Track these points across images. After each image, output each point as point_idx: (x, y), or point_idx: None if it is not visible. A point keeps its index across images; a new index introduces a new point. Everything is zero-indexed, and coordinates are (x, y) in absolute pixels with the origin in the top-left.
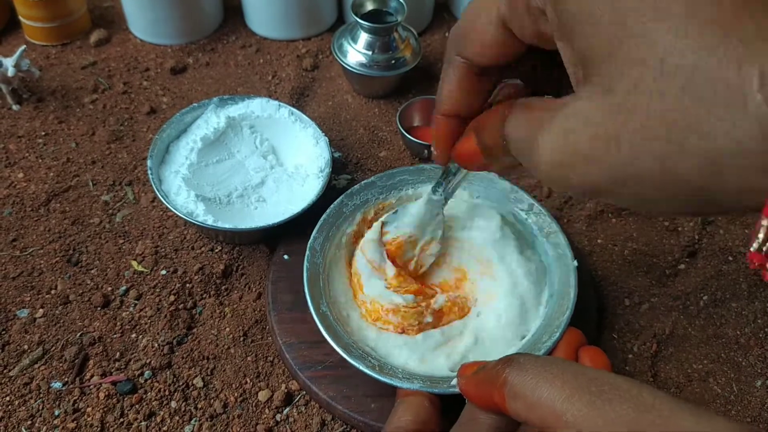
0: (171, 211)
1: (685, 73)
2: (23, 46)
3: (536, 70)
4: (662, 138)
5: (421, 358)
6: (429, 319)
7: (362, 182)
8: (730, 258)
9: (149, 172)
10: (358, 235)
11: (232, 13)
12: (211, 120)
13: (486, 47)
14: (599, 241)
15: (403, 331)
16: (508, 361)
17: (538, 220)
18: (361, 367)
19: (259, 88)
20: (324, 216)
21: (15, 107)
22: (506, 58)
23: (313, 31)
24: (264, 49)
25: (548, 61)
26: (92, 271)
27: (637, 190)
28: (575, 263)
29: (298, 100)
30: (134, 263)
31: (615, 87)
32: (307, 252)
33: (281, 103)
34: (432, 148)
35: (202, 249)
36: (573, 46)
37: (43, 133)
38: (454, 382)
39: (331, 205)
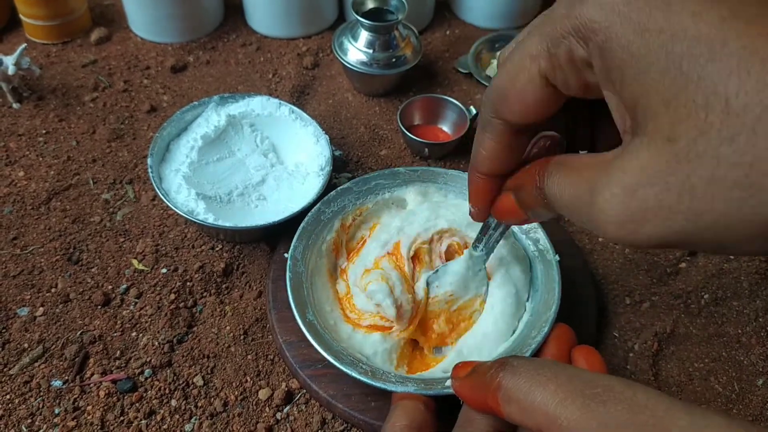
0: (171, 209)
1: (754, 112)
2: (24, 45)
3: (570, 125)
4: (739, 183)
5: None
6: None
7: (338, 188)
8: (731, 257)
9: (149, 170)
10: (338, 243)
11: (233, 12)
12: (211, 118)
13: (528, 106)
14: (600, 239)
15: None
16: (501, 364)
17: None
18: (353, 374)
19: (260, 86)
20: (303, 224)
21: (15, 105)
22: (548, 115)
23: (314, 29)
24: (264, 47)
25: (582, 114)
26: (93, 270)
27: (716, 237)
28: (557, 258)
29: (299, 98)
30: (135, 262)
31: (677, 135)
32: (288, 261)
33: (282, 102)
34: (469, 205)
35: (203, 247)
36: (623, 95)
37: (43, 132)
38: (449, 383)
39: (309, 213)
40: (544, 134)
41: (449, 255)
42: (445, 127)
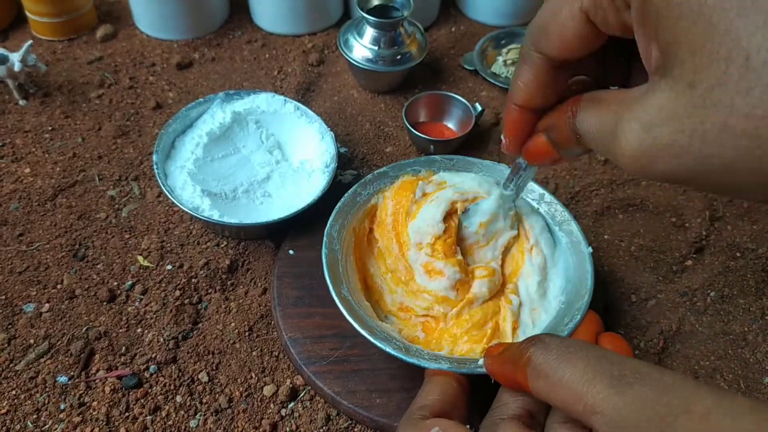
0: (177, 206)
1: None
2: (30, 41)
3: (605, 61)
4: (748, 134)
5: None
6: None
7: (375, 172)
8: (738, 254)
9: (155, 167)
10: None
11: (238, 8)
12: (216, 115)
13: (567, 41)
14: (606, 236)
15: (426, 316)
16: (533, 340)
17: (549, 210)
18: (388, 349)
19: (265, 83)
20: (339, 204)
21: (21, 102)
22: (586, 52)
23: (319, 26)
24: (270, 44)
25: (618, 52)
26: (98, 266)
27: (721, 180)
28: (590, 249)
29: (304, 95)
30: (140, 258)
31: (698, 82)
32: (325, 239)
33: (287, 98)
34: (502, 136)
35: (208, 244)
36: (657, 38)
37: (49, 128)
38: (482, 362)
39: (346, 194)
40: (577, 79)
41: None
42: (451, 124)
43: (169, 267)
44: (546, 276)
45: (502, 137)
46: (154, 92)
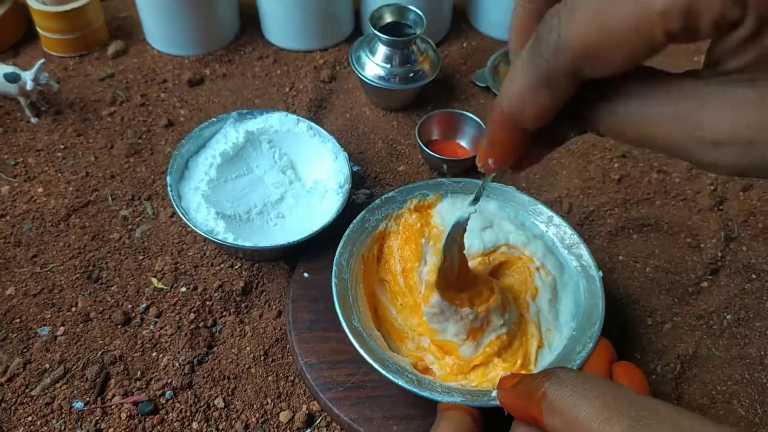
0: (191, 227)
1: None
2: (42, 60)
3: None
4: None
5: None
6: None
7: (383, 197)
8: (754, 276)
9: (169, 188)
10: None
11: (249, 23)
12: (229, 135)
13: (628, 62)
14: (620, 257)
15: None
16: (548, 374)
17: (558, 232)
18: (400, 383)
19: (277, 100)
20: (347, 231)
21: (33, 120)
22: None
23: (330, 41)
24: (281, 60)
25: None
26: (112, 288)
27: None
28: (600, 274)
29: (316, 112)
30: (154, 280)
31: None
32: (334, 267)
33: (300, 118)
34: (483, 157)
35: (222, 265)
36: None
37: (62, 147)
38: (495, 394)
39: (354, 220)
40: None
41: (503, 266)
42: (463, 143)
43: (183, 289)
44: (556, 296)
45: (482, 158)
46: (166, 109)
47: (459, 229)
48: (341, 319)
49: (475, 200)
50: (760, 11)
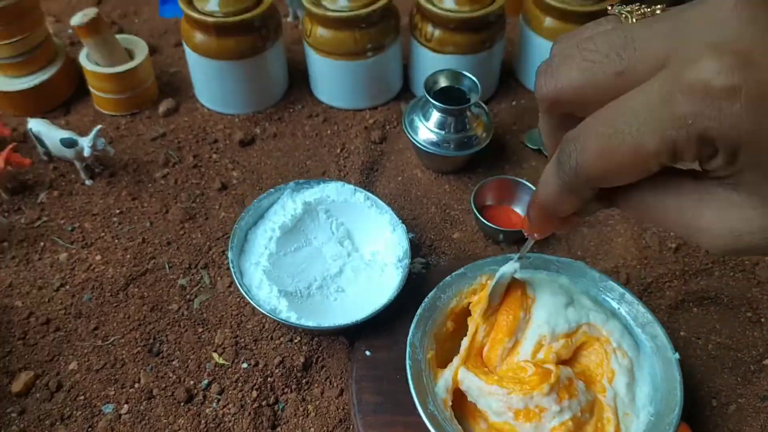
0: (252, 304)
1: None
2: (99, 126)
3: None
4: None
5: None
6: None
7: (453, 274)
8: None
9: (231, 264)
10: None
11: (297, 78)
12: (287, 206)
13: (633, 178)
14: (682, 333)
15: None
16: None
17: (631, 310)
18: None
19: (328, 161)
20: (420, 311)
21: (88, 182)
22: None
23: (380, 100)
24: (331, 118)
25: None
26: (174, 363)
27: None
28: (677, 356)
29: (368, 175)
30: (215, 355)
31: None
32: (408, 349)
33: (356, 188)
34: (530, 230)
35: (281, 339)
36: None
37: (117, 211)
38: None
39: (426, 299)
40: None
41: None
42: (518, 209)
43: (244, 365)
44: (633, 379)
45: (528, 227)
46: (218, 171)
47: (504, 282)
48: (417, 404)
49: (520, 258)
50: (727, 150)
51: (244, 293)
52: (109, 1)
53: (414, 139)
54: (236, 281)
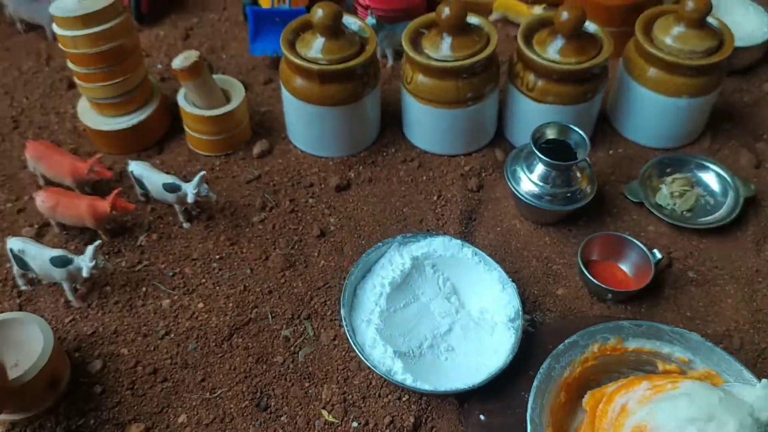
0: (355, 352)
1: None
2: (202, 172)
3: None
4: None
5: None
6: None
7: (566, 342)
8: None
9: (343, 322)
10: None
11: (390, 121)
12: (395, 260)
13: None
14: None
15: None
16: None
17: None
18: None
19: (425, 209)
20: (536, 383)
21: (186, 225)
22: None
23: (474, 146)
24: (425, 164)
25: None
26: (282, 419)
27: None
28: None
29: (467, 225)
30: (324, 413)
31: None
32: (528, 426)
33: (464, 243)
34: None
35: (389, 397)
36: None
37: (217, 257)
38: None
39: (540, 369)
40: None
41: None
42: (624, 267)
43: (354, 424)
44: None
45: None
46: (315, 217)
47: None
48: None
49: None
50: None
51: (358, 352)
52: (196, 36)
53: (517, 191)
54: (350, 340)
